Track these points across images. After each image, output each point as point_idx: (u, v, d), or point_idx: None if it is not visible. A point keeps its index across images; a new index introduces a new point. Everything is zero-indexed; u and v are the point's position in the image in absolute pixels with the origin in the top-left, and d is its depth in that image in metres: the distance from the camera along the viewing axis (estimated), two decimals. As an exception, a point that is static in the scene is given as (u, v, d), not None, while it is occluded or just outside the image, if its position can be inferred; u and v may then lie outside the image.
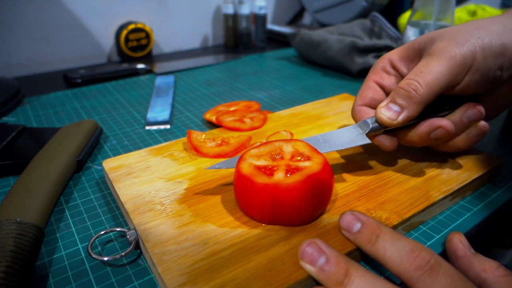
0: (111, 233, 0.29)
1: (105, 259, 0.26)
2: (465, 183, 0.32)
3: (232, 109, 0.48)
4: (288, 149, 0.30)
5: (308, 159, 0.29)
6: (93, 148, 0.42)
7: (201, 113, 0.52)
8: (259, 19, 0.86)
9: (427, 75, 0.29)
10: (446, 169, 0.34)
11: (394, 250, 0.23)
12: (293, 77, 0.67)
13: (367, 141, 0.31)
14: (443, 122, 0.30)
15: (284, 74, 0.69)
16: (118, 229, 0.29)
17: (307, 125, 0.43)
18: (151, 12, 0.81)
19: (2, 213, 0.28)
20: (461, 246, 0.26)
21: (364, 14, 0.87)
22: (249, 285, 0.22)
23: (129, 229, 0.28)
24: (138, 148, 0.42)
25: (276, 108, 0.53)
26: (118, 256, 0.26)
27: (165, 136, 0.45)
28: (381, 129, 0.31)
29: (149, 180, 0.32)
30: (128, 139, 0.45)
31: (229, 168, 0.32)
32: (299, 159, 0.29)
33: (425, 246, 0.23)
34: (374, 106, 0.34)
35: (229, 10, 0.84)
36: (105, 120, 0.50)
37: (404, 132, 0.32)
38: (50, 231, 0.30)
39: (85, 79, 0.64)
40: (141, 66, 0.70)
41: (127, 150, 0.42)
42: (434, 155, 0.36)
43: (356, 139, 0.32)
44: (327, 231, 0.27)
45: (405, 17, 0.79)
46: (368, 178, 0.33)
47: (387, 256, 0.23)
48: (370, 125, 0.31)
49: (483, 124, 0.32)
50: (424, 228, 0.30)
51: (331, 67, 0.70)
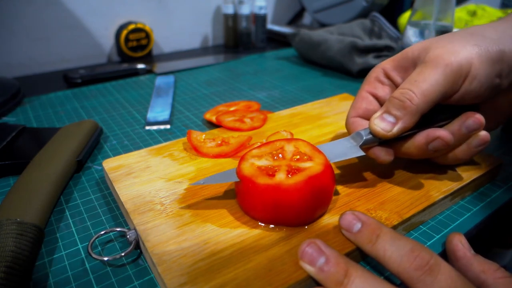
0: (111, 233, 0.29)
1: (105, 259, 0.26)
2: (465, 183, 0.32)
3: (232, 109, 0.48)
4: (289, 148, 0.30)
5: (309, 159, 0.29)
6: (93, 148, 0.42)
7: (201, 113, 0.52)
8: (259, 19, 0.86)
9: (422, 84, 0.28)
10: (446, 169, 0.34)
11: (394, 250, 0.23)
12: (293, 77, 0.67)
13: (361, 153, 0.30)
14: (441, 133, 0.29)
15: (284, 74, 0.69)
16: (118, 229, 0.29)
17: (307, 125, 0.43)
18: (151, 12, 0.81)
19: (2, 213, 0.28)
20: (461, 246, 0.26)
21: (364, 14, 0.87)
22: (249, 285, 0.22)
23: (129, 229, 0.28)
24: (138, 148, 0.42)
25: (276, 108, 0.53)
26: (118, 256, 0.26)
27: (165, 136, 0.45)
28: (376, 141, 0.30)
29: (149, 180, 0.32)
30: (128, 139, 0.45)
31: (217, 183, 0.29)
32: (300, 159, 0.29)
33: (425, 246, 0.24)
34: (368, 117, 0.33)
35: (229, 10, 0.84)
36: (105, 120, 0.50)
37: (400, 143, 0.31)
38: (50, 231, 0.30)
39: (85, 79, 0.64)
40: (141, 66, 0.70)
41: (127, 150, 0.42)
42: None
43: (349, 151, 0.30)
44: (327, 231, 0.27)
45: (405, 17, 0.79)
46: (368, 178, 0.33)
47: (387, 256, 0.23)
48: (364, 137, 0.30)
49: (484, 134, 0.30)
50: (424, 228, 0.30)
51: (331, 67, 0.70)
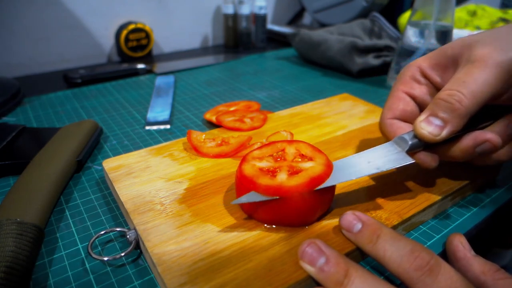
0: (111, 233, 0.29)
1: (105, 259, 0.26)
2: (465, 183, 0.32)
3: (232, 109, 0.48)
4: (290, 150, 0.30)
5: (310, 159, 0.29)
6: (93, 148, 0.42)
7: (201, 113, 0.52)
8: (259, 19, 0.86)
9: (471, 85, 0.26)
10: (446, 169, 0.34)
11: (394, 250, 0.23)
12: (293, 77, 0.67)
13: (410, 160, 0.28)
14: (490, 136, 0.27)
15: (284, 74, 0.69)
16: (118, 229, 0.29)
17: (307, 125, 0.43)
18: (151, 12, 0.81)
19: (2, 213, 0.28)
20: (461, 247, 0.26)
21: (364, 14, 0.87)
22: (249, 285, 0.22)
23: (129, 229, 0.28)
24: (138, 148, 0.42)
25: (276, 108, 0.53)
26: (118, 256, 0.26)
27: (165, 136, 0.45)
28: (422, 145, 0.28)
29: (149, 180, 0.32)
30: (128, 139, 0.45)
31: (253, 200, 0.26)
32: (301, 160, 0.29)
33: (425, 246, 0.24)
34: (405, 119, 0.32)
35: (229, 10, 0.84)
36: (105, 120, 0.50)
37: (445, 147, 0.29)
38: (50, 231, 0.30)
39: (85, 79, 0.64)
40: (141, 66, 0.70)
41: (127, 150, 0.42)
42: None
43: (397, 157, 0.28)
44: (327, 231, 0.27)
45: (405, 17, 0.79)
46: (368, 178, 0.33)
47: (387, 257, 0.23)
48: (410, 142, 0.28)
49: None
50: (424, 228, 0.30)
51: (331, 67, 0.70)
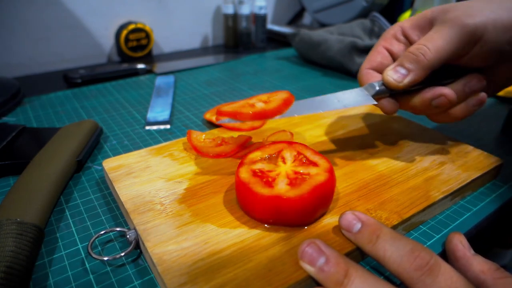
0: (111, 233, 0.29)
1: (105, 259, 0.26)
2: (465, 183, 0.32)
3: (232, 109, 0.48)
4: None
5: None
6: (93, 148, 0.42)
7: (201, 113, 0.52)
8: (259, 19, 0.86)
9: (437, 41, 0.30)
10: (446, 169, 0.34)
11: (394, 250, 0.23)
12: (293, 77, 0.67)
13: (373, 102, 0.32)
14: (446, 91, 0.31)
15: (284, 74, 0.69)
16: (118, 229, 0.29)
17: (307, 125, 0.43)
18: (151, 12, 0.81)
19: (2, 213, 0.28)
20: (460, 246, 0.26)
21: (364, 14, 0.87)
22: (249, 285, 0.22)
23: (129, 229, 0.28)
24: (138, 148, 0.42)
25: (276, 108, 0.53)
26: (118, 256, 0.26)
27: (165, 136, 0.45)
28: (387, 92, 0.32)
29: (149, 180, 0.32)
30: (128, 139, 0.45)
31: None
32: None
33: (425, 246, 0.23)
34: (381, 71, 0.35)
35: (229, 10, 0.84)
36: (105, 120, 0.50)
37: (407, 97, 0.33)
38: (50, 231, 0.30)
39: (85, 79, 0.64)
40: (141, 66, 0.70)
41: (127, 150, 0.42)
42: (434, 154, 0.36)
43: (363, 99, 0.32)
44: (327, 231, 0.27)
45: (405, 17, 0.79)
46: (368, 178, 0.33)
47: (387, 256, 0.23)
48: (377, 88, 0.32)
49: (482, 94, 0.32)
50: (424, 228, 0.30)
51: (331, 67, 0.70)
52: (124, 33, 0.74)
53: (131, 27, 0.75)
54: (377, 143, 0.38)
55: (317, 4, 0.95)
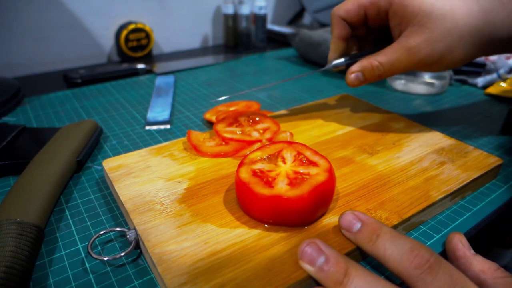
0: (111, 233, 0.29)
1: (105, 259, 0.26)
2: (465, 183, 0.32)
3: (232, 109, 0.48)
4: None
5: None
6: (93, 148, 0.42)
7: (201, 113, 0.52)
8: (259, 19, 0.86)
9: (396, 65, 0.36)
10: (446, 169, 0.34)
11: (394, 249, 0.23)
12: (293, 77, 0.67)
13: (332, 68, 0.41)
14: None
15: (284, 74, 0.69)
16: (118, 229, 0.29)
17: (307, 125, 0.43)
18: (151, 12, 0.81)
19: (2, 213, 0.28)
20: (461, 246, 0.26)
21: (364, 14, 0.87)
22: (249, 285, 0.22)
23: (129, 229, 0.28)
24: (138, 148, 0.42)
25: (276, 108, 0.53)
26: (118, 256, 0.26)
27: (165, 136, 0.45)
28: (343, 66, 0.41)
29: (149, 180, 0.32)
30: (128, 139, 0.45)
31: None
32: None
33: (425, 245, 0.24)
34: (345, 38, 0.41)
35: (229, 10, 0.84)
36: (105, 120, 0.50)
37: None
38: (50, 231, 0.30)
39: (85, 79, 0.64)
40: (141, 66, 0.70)
41: (127, 150, 0.42)
42: (434, 154, 0.36)
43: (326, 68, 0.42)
44: (327, 231, 0.27)
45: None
46: (368, 178, 0.33)
47: (387, 255, 0.23)
48: (333, 62, 0.41)
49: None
50: (424, 228, 0.30)
51: (331, 67, 0.70)
52: (124, 33, 0.74)
53: (131, 27, 0.75)
54: (377, 143, 0.38)
55: (317, 4, 0.95)
